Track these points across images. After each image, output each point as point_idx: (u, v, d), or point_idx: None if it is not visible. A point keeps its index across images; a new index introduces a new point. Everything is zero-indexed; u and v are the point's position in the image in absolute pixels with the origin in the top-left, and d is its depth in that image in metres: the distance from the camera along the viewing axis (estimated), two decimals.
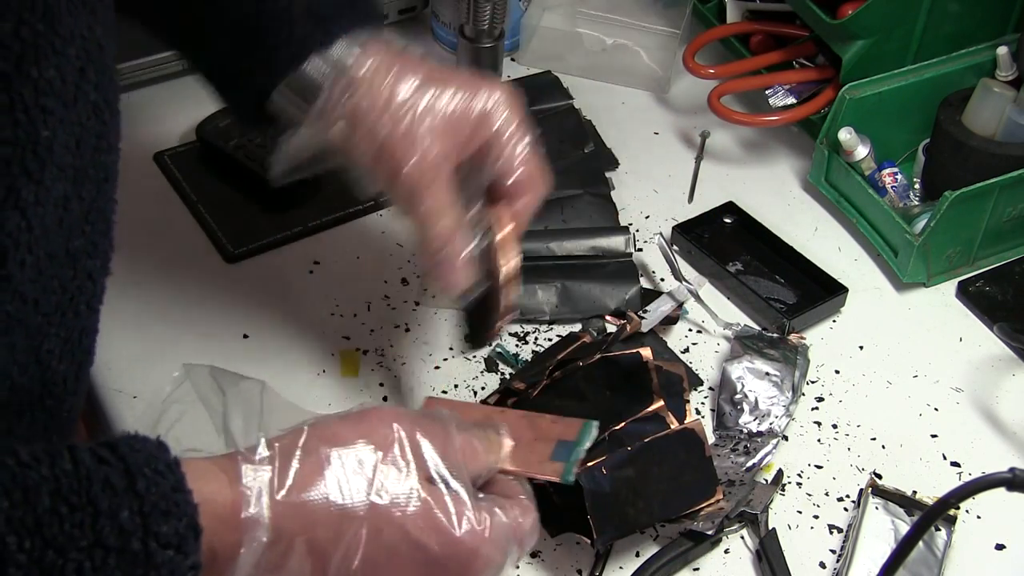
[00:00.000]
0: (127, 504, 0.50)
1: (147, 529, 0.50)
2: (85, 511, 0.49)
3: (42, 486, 0.49)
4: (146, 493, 0.50)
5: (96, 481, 0.49)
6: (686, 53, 1.14)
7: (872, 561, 0.80)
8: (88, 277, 0.61)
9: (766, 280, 1.01)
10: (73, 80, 0.55)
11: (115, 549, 0.49)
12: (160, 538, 0.50)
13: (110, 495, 0.49)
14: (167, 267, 1.01)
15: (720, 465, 0.85)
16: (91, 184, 0.59)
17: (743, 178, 1.12)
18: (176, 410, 0.67)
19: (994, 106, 1.02)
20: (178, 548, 0.51)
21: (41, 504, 0.48)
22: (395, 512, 0.59)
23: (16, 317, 0.56)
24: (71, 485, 0.49)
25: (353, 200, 1.07)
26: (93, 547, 0.48)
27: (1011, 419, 0.92)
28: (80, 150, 0.57)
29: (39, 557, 0.47)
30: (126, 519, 0.49)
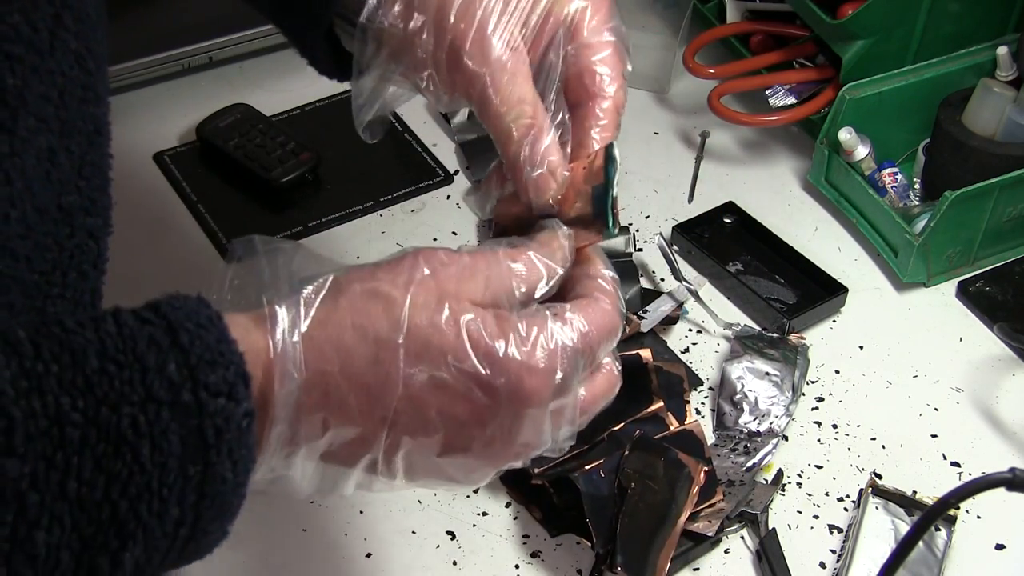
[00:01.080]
0: (173, 358, 0.50)
1: (195, 380, 0.50)
2: (133, 368, 0.50)
3: (88, 348, 0.49)
4: (190, 346, 0.51)
5: (140, 339, 0.50)
6: (686, 53, 1.14)
7: (872, 561, 0.80)
8: (89, 235, 0.61)
9: (766, 280, 1.01)
10: (47, 27, 0.54)
11: (167, 402, 0.50)
12: (210, 387, 0.50)
13: (155, 351, 0.50)
14: (167, 267, 1.01)
15: (720, 465, 0.85)
16: (80, 137, 0.58)
17: (743, 178, 1.12)
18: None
19: (994, 106, 1.02)
20: (229, 395, 0.51)
21: (89, 365, 0.49)
22: (433, 337, 0.55)
23: (9, 275, 0.55)
24: (116, 345, 0.50)
25: (353, 200, 1.07)
26: (145, 401, 0.49)
27: (1011, 419, 0.92)
28: (64, 101, 0.56)
29: (94, 415, 0.48)
30: (173, 372, 0.50)
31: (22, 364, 0.48)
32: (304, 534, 0.82)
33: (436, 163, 1.12)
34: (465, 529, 0.83)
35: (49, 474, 0.47)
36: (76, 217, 0.59)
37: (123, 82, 1.15)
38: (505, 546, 0.82)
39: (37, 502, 0.47)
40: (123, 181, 1.12)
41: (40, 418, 0.47)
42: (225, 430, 0.51)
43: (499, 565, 0.81)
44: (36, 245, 0.56)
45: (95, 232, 0.61)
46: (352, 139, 1.16)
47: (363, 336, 0.55)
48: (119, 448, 0.49)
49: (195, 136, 1.11)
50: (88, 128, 0.59)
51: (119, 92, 1.15)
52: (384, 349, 0.55)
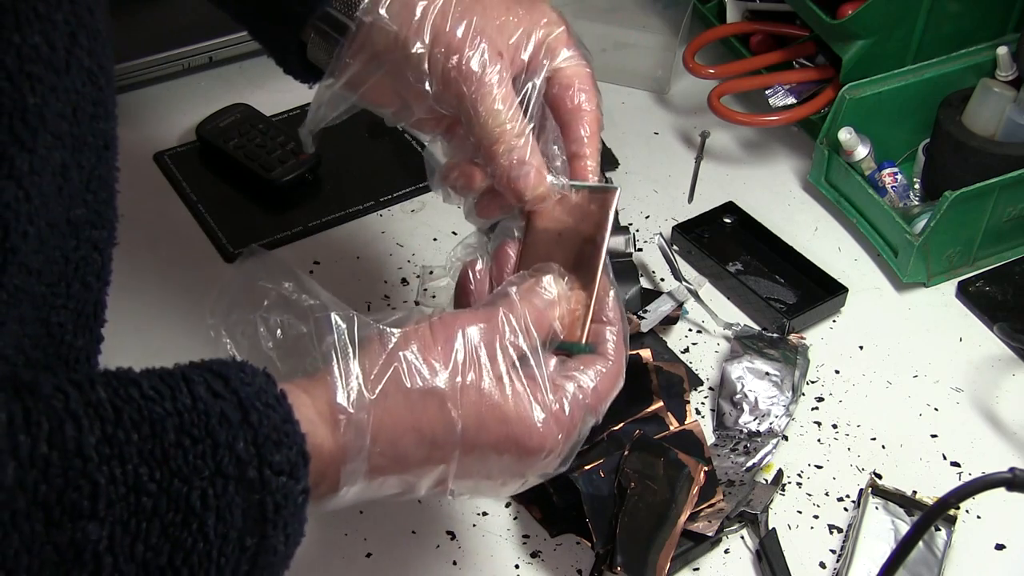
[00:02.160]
0: (242, 436, 0.53)
1: (262, 458, 0.53)
2: (205, 443, 0.52)
3: (167, 421, 0.52)
4: (259, 425, 0.54)
5: (213, 415, 0.53)
6: (686, 53, 1.14)
7: (872, 561, 0.80)
8: (93, 247, 0.62)
9: (766, 280, 1.01)
10: (64, 46, 0.55)
11: (234, 478, 0.52)
12: (274, 466, 0.53)
13: (227, 428, 0.53)
14: (167, 267, 1.01)
15: (720, 465, 0.85)
16: (90, 152, 0.60)
17: (743, 178, 1.12)
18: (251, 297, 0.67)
19: (994, 106, 1.02)
20: (290, 474, 0.54)
21: (167, 438, 0.51)
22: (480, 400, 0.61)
23: (23, 289, 0.56)
24: (192, 419, 0.52)
25: (353, 200, 1.07)
26: (215, 476, 0.52)
27: (1011, 419, 0.92)
28: (77, 118, 0.57)
29: (167, 486, 0.51)
30: (242, 450, 0.53)
31: (104, 429, 0.50)
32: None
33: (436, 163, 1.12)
34: (465, 529, 0.83)
35: (123, 539, 0.50)
36: (82, 230, 0.61)
37: (123, 82, 1.15)
38: (505, 546, 0.82)
39: (111, 564, 0.49)
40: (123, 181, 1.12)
41: (120, 485, 0.50)
42: (283, 506, 0.54)
43: (499, 565, 0.81)
44: (46, 258, 0.58)
45: (99, 244, 0.63)
46: (352, 139, 1.17)
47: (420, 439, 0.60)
48: (187, 518, 0.51)
49: (195, 136, 1.11)
50: (98, 143, 0.60)
51: (119, 92, 1.15)
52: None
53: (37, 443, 0.48)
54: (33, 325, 0.58)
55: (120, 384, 0.53)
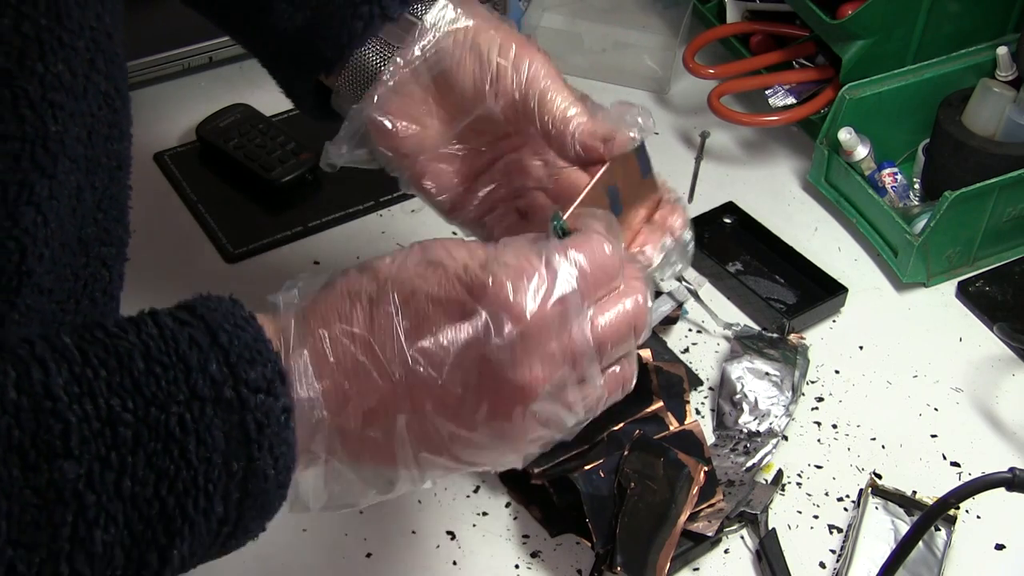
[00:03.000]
0: (214, 357, 0.53)
1: (236, 377, 0.53)
2: (177, 368, 0.52)
3: (133, 351, 0.52)
4: (229, 345, 0.53)
5: (182, 340, 0.52)
6: (686, 53, 1.14)
7: (872, 561, 0.80)
8: (102, 264, 0.62)
9: (766, 280, 1.01)
10: (83, 72, 0.56)
11: (210, 399, 0.52)
12: (250, 384, 0.53)
13: (197, 351, 0.52)
14: (167, 267, 1.01)
15: (720, 465, 0.85)
16: (103, 173, 0.60)
17: (743, 178, 1.12)
18: None
19: (994, 106, 1.02)
20: (268, 391, 0.53)
21: (136, 367, 0.51)
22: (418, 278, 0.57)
23: (35, 308, 0.57)
24: (159, 347, 0.52)
25: (353, 200, 1.07)
26: (191, 400, 0.51)
27: (1011, 419, 0.92)
28: (92, 140, 0.58)
29: (143, 415, 0.50)
30: (215, 371, 0.52)
31: (72, 369, 0.50)
32: (304, 534, 0.82)
33: None
34: (465, 529, 0.83)
35: (104, 474, 0.49)
36: (92, 247, 0.61)
37: None
38: (505, 546, 0.82)
39: (94, 502, 0.49)
40: None
41: (93, 420, 0.49)
42: (266, 424, 0.53)
43: (499, 565, 0.81)
44: (57, 277, 0.58)
45: (108, 260, 0.63)
46: None
47: (356, 299, 0.57)
48: (168, 445, 0.51)
49: (195, 136, 1.11)
50: (111, 164, 0.61)
51: None
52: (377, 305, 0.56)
53: (5, 390, 0.48)
54: None
55: (85, 329, 0.53)
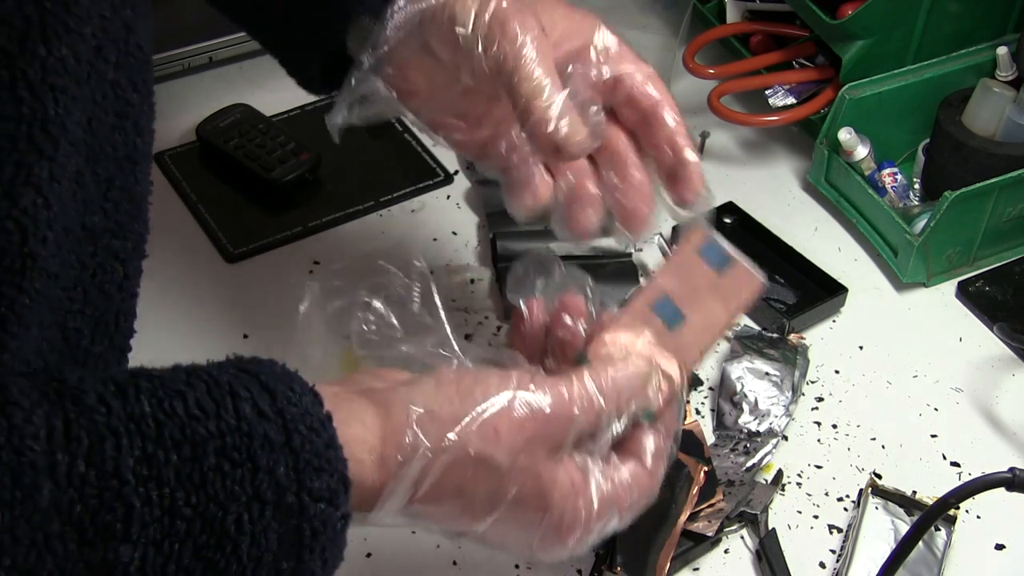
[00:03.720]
0: (283, 460, 0.52)
1: (301, 484, 0.52)
2: (245, 467, 0.51)
3: (208, 443, 0.51)
4: (301, 450, 0.53)
5: (256, 437, 0.52)
6: (686, 53, 1.14)
7: (872, 561, 0.80)
8: (114, 257, 0.62)
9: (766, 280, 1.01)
10: (88, 59, 0.55)
11: (271, 503, 0.52)
12: (313, 493, 0.53)
13: (268, 452, 0.52)
14: (167, 267, 1.01)
15: (720, 465, 0.85)
16: (108, 162, 0.60)
17: (743, 178, 1.12)
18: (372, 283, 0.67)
19: (994, 106, 1.02)
20: (330, 501, 0.53)
21: (207, 462, 0.51)
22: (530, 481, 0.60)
23: (43, 293, 0.56)
24: (234, 442, 0.52)
25: (353, 200, 1.07)
26: (251, 500, 0.51)
27: (1011, 419, 0.92)
28: (92, 127, 0.57)
29: (203, 511, 0.50)
30: (282, 475, 0.52)
31: (144, 448, 0.50)
32: None
33: (436, 163, 1.12)
34: None
35: (155, 559, 0.49)
36: (100, 238, 0.60)
37: None
38: None
39: None
40: None
41: (155, 508, 0.49)
42: (321, 532, 0.53)
43: (499, 565, 0.81)
44: (62, 262, 0.58)
45: (121, 255, 0.62)
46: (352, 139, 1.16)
47: (461, 501, 0.59)
48: (221, 541, 0.51)
49: (195, 136, 1.11)
50: (118, 154, 0.60)
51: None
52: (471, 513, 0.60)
53: (75, 461, 0.48)
54: (51, 330, 0.59)
55: (166, 396, 0.52)
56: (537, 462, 0.60)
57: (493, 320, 0.97)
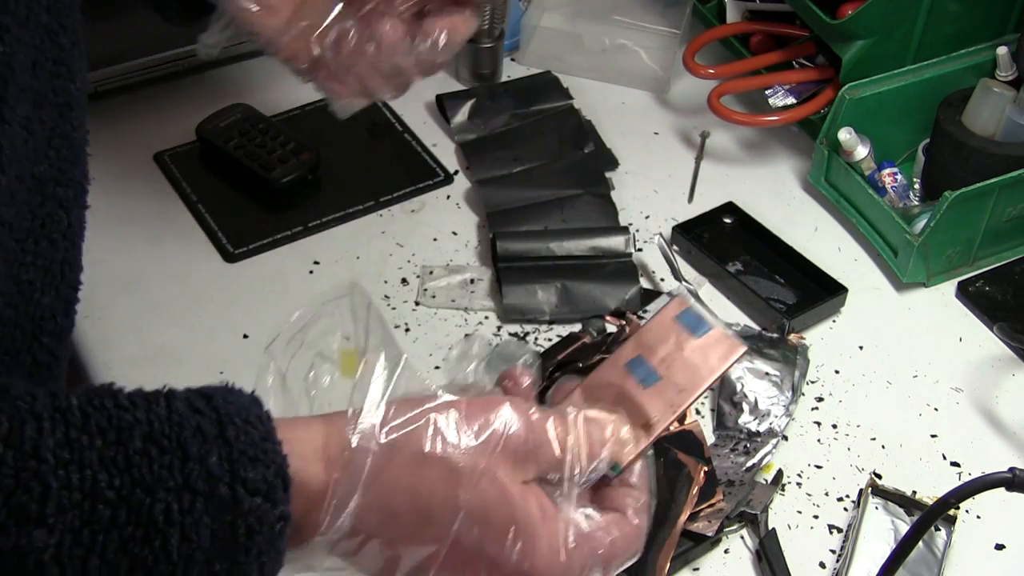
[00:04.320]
0: (216, 450, 0.50)
1: (234, 474, 0.50)
2: (175, 454, 0.50)
3: (135, 428, 0.50)
4: (235, 440, 0.51)
5: (188, 427, 0.51)
6: (686, 53, 1.14)
7: (872, 561, 0.80)
8: (59, 205, 0.61)
9: (766, 280, 1.01)
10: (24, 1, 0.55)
11: (202, 493, 0.50)
12: (247, 484, 0.50)
13: (200, 441, 0.50)
14: (167, 267, 1.01)
15: (720, 465, 0.85)
16: (51, 109, 0.59)
17: (743, 178, 1.12)
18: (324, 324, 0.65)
19: (994, 106, 1.02)
20: (266, 496, 0.51)
21: (132, 444, 0.49)
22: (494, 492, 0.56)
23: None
24: (163, 429, 0.50)
25: (353, 200, 1.07)
26: (181, 489, 0.49)
27: (1011, 419, 0.92)
28: (36, 72, 0.57)
29: (128, 495, 0.48)
30: (214, 464, 0.50)
31: (68, 433, 0.48)
32: None
33: (436, 163, 1.12)
34: None
35: (73, 549, 0.47)
36: (47, 186, 0.60)
37: (123, 82, 1.15)
38: None
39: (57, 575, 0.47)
40: (123, 181, 1.13)
41: (75, 491, 0.48)
42: (257, 531, 0.51)
43: None
44: (16, 212, 0.57)
45: (65, 203, 0.61)
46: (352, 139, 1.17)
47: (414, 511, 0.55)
48: (148, 534, 0.49)
49: (195, 136, 1.11)
50: (59, 101, 0.60)
51: (119, 92, 1.15)
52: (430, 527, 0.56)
53: None
54: (5, 282, 0.58)
55: (96, 394, 0.51)
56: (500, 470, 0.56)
57: (493, 320, 0.97)
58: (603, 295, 0.97)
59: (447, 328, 0.96)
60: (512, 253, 1.00)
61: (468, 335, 0.64)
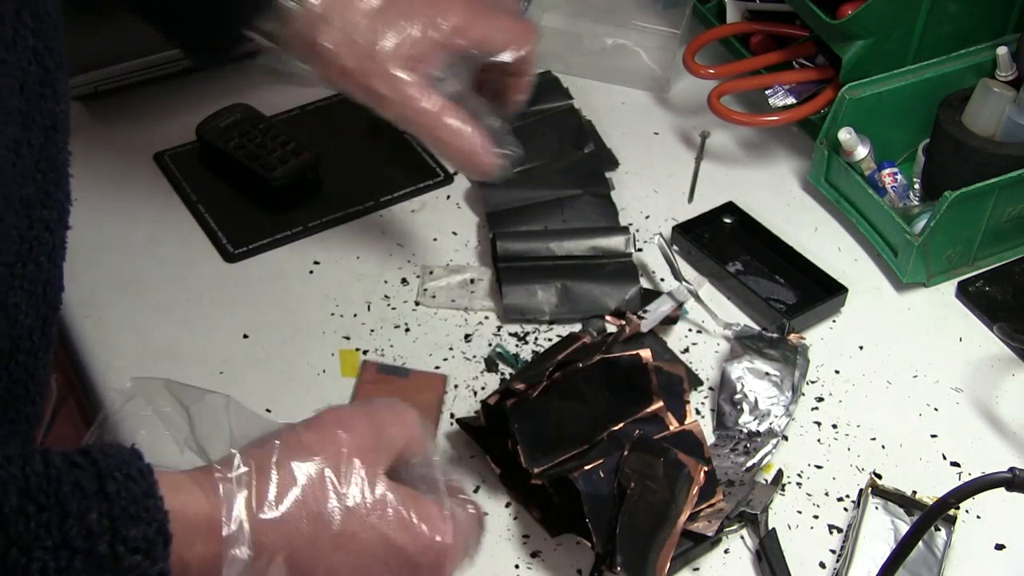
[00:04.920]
0: (96, 507, 0.49)
1: (115, 532, 0.49)
2: (53, 511, 0.49)
3: (10, 484, 0.49)
4: (116, 497, 0.50)
5: (66, 483, 0.49)
6: (686, 53, 1.14)
7: (872, 561, 0.80)
8: (45, 227, 0.61)
9: (766, 280, 1.01)
10: (11, 23, 0.55)
11: (81, 551, 0.49)
12: (128, 542, 0.50)
13: (79, 497, 0.49)
14: (167, 267, 1.01)
15: (720, 465, 0.85)
16: (38, 131, 0.59)
17: (743, 178, 1.12)
18: (129, 425, 0.66)
19: (994, 106, 1.02)
20: (146, 553, 0.50)
21: (8, 502, 0.48)
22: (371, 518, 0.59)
23: None
24: (40, 485, 0.49)
25: (353, 200, 1.07)
26: (59, 548, 0.48)
27: (1011, 419, 0.92)
28: (24, 95, 0.57)
29: (3, 554, 0.47)
30: (94, 521, 0.49)
31: None
32: None
33: (436, 163, 1.12)
34: None
35: None
36: (34, 209, 0.60)
37: (123, 82, 1.15)
38: (505, 546, 0.82)
39: None
40: (123, 181, 1.13)
41: None
42: None
43: (499, 565, 0.81)
44: (4, 236, 0.57)
45: (51, 225, 0.62)
46: (352, 139, 1.17)
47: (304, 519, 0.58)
48: None
49: (195, 136, 1.11)
50: (46, 123, 0.60)
51: (119, 92, 1.15)
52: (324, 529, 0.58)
53: None
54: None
55: None
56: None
57: (493, 320, 0.97)
58: (603, 295, 0.97)
59: (447, 328, 0.97)
60: (512, 253, 1.00)
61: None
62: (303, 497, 0.58)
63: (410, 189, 1.09)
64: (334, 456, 0.60)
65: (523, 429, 0.82)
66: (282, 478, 0.58)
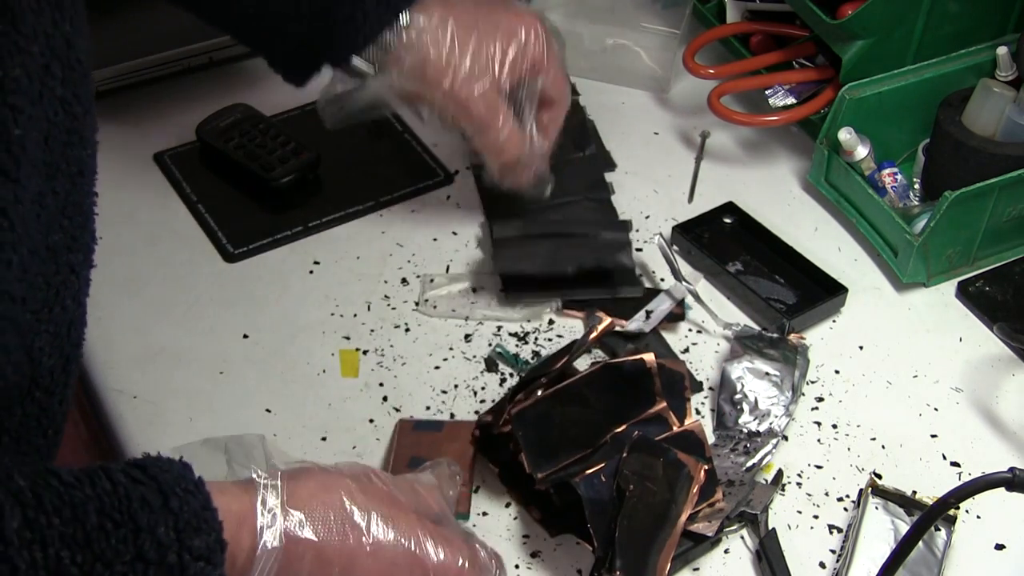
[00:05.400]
0: (163, 521, 0.55)
1: (182, 543, 0.55)
2: (127, 527, 0.54)
3: (88, 504, 0.53)
4: (179, 511, 0.55)
5: (135, 499, 0.55)
6: (686, 53, 1.14)
7: (872, 561, 0.80)
8: (71, 271, 0.63)
9: (766, 280, 1.01)
10: (39, 77, 0.56)
11: (154, 562, 0.54)
12: (193, 551, 0.55)
13: (147, 512, 0.54)
14: (167, 267, 1.01)
15: (720, 465, 0.85)
16: (64, 179, 0.60)
17: (743, 178, 1.12)
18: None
19: (994, 106, 1.02)
20: (208, 560, 0.56)
21: (89, 521, 0.53)
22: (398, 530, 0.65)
23: (7, 317, 0.57)
24: (113, 503, 0.54)
25: (353, 200, 1.07)
26: (135, 560, 0.53)
27: (1011, 419, 0.92)
28: (49, 145, 0.58)
29: (89, 570, 0.52)
30: (163, 534, 0.54)
31: (25, 514, 0.52)
32: None
33: (436, 163, 1.12)
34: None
35: None
36: (60, 255, 0.61)
37: (123, 82, 1.15)
38: (505, 546, 0.82)
39: None
40: (123, 181, 1.13)
41: (40, 569, 0.51)
42: None
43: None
44: (30, 285, 0.58)
45: (76, 267, 0.64)
46: (352, 139, 1.17)
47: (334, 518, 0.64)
48: None
49: (195, 136, 1.11)
50: (72, 170, 0.61)
51: (119, 92, 1.15)
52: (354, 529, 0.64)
53: None
54: (17, 352, 0.59)
55: (38, 474, 0.54)
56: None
57: (493, 322, 0.97)
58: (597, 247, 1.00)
59: (447, 328, 0.96)
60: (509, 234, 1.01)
61: None
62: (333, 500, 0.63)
63: (410, 189, 1.09)
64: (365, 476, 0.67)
65: (527, 435, 0.82)
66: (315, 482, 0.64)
